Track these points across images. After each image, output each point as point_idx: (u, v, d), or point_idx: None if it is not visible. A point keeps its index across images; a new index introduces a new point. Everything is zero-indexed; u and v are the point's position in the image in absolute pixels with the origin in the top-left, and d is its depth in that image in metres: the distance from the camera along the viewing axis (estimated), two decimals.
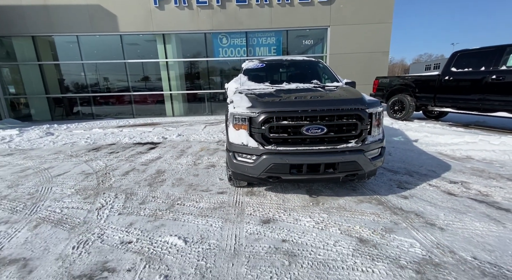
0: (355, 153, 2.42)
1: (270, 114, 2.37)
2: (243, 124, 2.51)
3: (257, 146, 2.43)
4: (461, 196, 2.74)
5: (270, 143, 2.44)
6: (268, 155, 2.40)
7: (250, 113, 2.43)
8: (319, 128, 2.35)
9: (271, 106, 2.43)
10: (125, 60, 9.98)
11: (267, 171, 2.44)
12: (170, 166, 4.16)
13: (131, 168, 4.14)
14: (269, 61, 4.18)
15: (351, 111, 2.39)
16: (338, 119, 2.39)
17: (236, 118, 2.55)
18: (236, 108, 2.53)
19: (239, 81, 3.62)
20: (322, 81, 3.77)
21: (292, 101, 2.51)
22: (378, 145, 2.59)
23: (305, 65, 4.10)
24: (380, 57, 9.87)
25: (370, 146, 2.49)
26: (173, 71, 10.25)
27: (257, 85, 3.51)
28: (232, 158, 2.61)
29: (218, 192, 3.06)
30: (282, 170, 2.42)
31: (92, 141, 6.33)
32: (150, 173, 3.86)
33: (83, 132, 7.67)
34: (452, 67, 6.19)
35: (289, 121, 2.36)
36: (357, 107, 2.41)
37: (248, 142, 2.47)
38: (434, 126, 6.14)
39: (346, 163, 2.40)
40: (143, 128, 8.06)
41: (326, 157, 2.39)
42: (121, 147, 5.68)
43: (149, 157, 4.78)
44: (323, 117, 2.38)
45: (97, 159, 4.75)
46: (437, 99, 6.52)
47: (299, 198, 2.82)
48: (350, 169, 2.45)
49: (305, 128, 2.35)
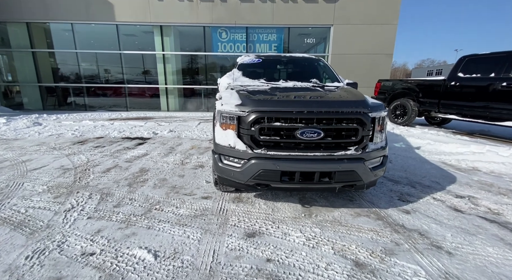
0: (354, 161, 2.15)
1: (261, 114, 2.10)
2: (231, 124, 2.24)
3: (246, 149, 2.17)
4: (469, 213, 2.48)
5: (260, 146, 2.17)
6: (257, 160, 2.13)
7: (239, 112, 2.16)
8: (315, 133, 2.08)
9: (262, 105, 2.16)
10: (121, 51, 9.65)
11: (256, 178, 2.17)
12: (155, 165, 3.88)
13: (114, 164, 3.87)
14: (266, 56, 3.89)
15: (351, 115, 2.12)
16: (336, 123, 2.12)
17: (223, 116, 2.28)
18: (224, 106, 2.26)
19: (232, 76, 3.34)
20: (322, 80, 3.50)
21: (286, 100, 2.24)
22: (380, 153, 2.33)
23: (304, 63, 3.82)
24: (384, 60, 9.59)
25: (371, 154, 2.23)
26: (170, 65, 9.93)
27: (252, 81, 3.24)
28: (218, 160, 2.34)
29: (202, 196, 2.79)
30: (272, 177, 2.15)
31: (80, 133, 6.05)
32: (132, 171, 3.59)
33: (72, 123, 7.37)
34: (459, 72, 5.93)
35: (282, 123, 2.09)
36: (359, 110, 2.14)
37: (236, 144, 2.21)
38: (438, 134, 5.88)
39: (343, 172, 2.14)
40: (135, 122, 7.76)
41: (321, 165, 2.12)
42: (108, 141, 5.39)
43: (135, 153, 4.51)
44: (320, 120, 2.11)
45: (80, 153, 4.47)
46: (442, 106, 6.26)
47: (291, 207, 2.55)
48: (347, 179, 2.19)
49: (299, 132, 2.08)
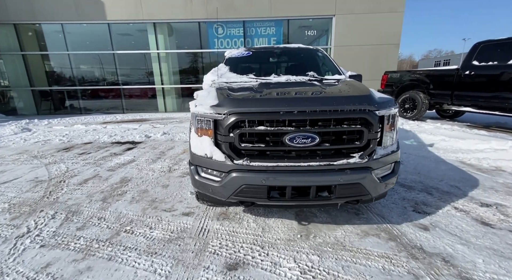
0: (359, 171, 1.74)
1: (240, 116, 1.69)
2: (206, 129, 1.85)
3: (224, 159, 1.77)
4: (500, 228, 2.04)
5: (241, 156, 1.77)
6: (239, 173, 1.73)
7: (215, 115, 1.76)
8: (308, 138, 1.67)
9: (242, 105, 1.76)
10: (114, 51, 9.31)
11: (238, 194, 1.78)
12: (139, 173, 3.52)
13: (94, 174, 3.52)
14: (257, 49, 3.47)
15: (354, 114, 1.69)
16: (336, 125, 1.70)
17: (198, 120, 1.89)
18: (198, 107, 1.87)
19: (217, 72, 2.94)
20: (321, 73, 3.07)
21: (272, 99, 1.83)
22: (390, 158, 1.90)
23: (300, 54, 3.38)
24: (390, 50, 9.02)
25: (380, 161, 1.81)
26: (165, 64, 9.56)
27: (239, 77, 2.83)
28: (195, 173, 1.96)
29: (183, 212, 2.41)
30: (258, 193, 1.76)
31: (68, 139, 5.74)
32: (112, 182, 3.23)
33: (63, 128, 7.09)
34: (474, 60, 5.39)
35: (267, 126, 1.69)
36: (363, 108, 1.71)
37: (213, 153, 1.81)
38: (452, 128, 5.38)
39: (346, 185, 1.73)
40: (129, 125, 7.44)
41: (318, 177, 1.71)
42: (96, 147, 5.07)
43: (122, 159, 4.16)
44: (315, 122, 1.70)
45: (61, 161, 4.15)
46: (455, 97, 5.74)
47: (285, 225, 2.15)
48: (351, 193, 1.77)
49: (289, 137, 1.67)
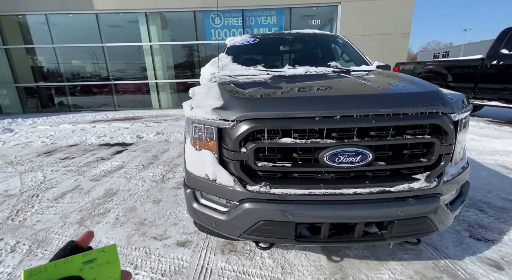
0: (425, 200, 1.22)
1: (257, 123, 1.16)
2: (207, 140, 1.31)
3: (233, 184, 1.25)
4: None
5: (258, 179, 1.25)
6: (254, 204, 1.21)
7: (218, 121, 1.23)
8: (358, 154, 1.14)
9: (259, 106, 1.22)
10: (103, 44, 8.64)
11: (253, 233, 1.26)
12: (127, 183, 3.00)
13: (75, 185, 2.99)
14: (264, 36, 2.91)
15: (424, 119, 1.17)
16: (396, 135, 1.18)
17: (195, 128, 1.36)
18: (194, 110, 1.33)
19: (218, 63, 2.38)
20: (344, 64, 2.53)
21: (303, 97, 1.29)
22: (462, 178, 1.39)
23: (317, 42, 2.82)
24: (400, 40, 8.42)
25: (451, 184, 1.29)
26: (159, 57, 8.91)
27: (245, 69, 2.28)
28: (191, 199, 1.44)
29: (178, 241, 1.90)
30: (281, 232, 1.24)
31: (51, 141, 5.18)
32: (94, 196, 2.71)
33: (48, 128, 6.50)
34: (503, 48, 4.85)
35: (295, 138, 1.16)
36: (436, 110, 1.18)
37: (217, 175, 1.28)
38: (480, 125, 4.87)
39: (407, 220, 1.21)
40: (120, 123, 6.87)
41: (369, 210, 1.20)
42: (82, 150, 4.52)
43: (109, 166, 3.63)
44: (367, 132, 1.17)
45: (40, 168, 3.60)
46: (479, 90, 5.22)
47: (310, 262, 1.65)
48: (413, 230, 1.26)
49: (329, 154, 1.14)
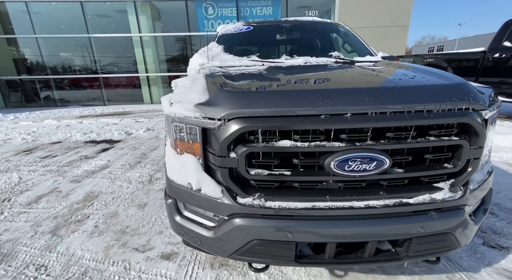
0: (449, 213, 1.03)
1: (249, 123, 0.94)
2: (190, 142, 1.09)
3: (221, 195, 1.04)
4: None
5: (250, 190, 1.04)
6: (246, 220, 1.01)
7: (202, 120, 1.00)
8: (372, 161, 0.94)
9: (252, 102, 0.99)
10: (89, 35, 8.21)
11: (245, 254, 1.06)
12: (111, 185, 2.76)
13: (53, 187, 2.75)
14: (259, 23, 2.66)
15: (453, 117, 0.96)
16: (418, 136, 0.98)
17: (176, 127, 1.13)
18: (174, 106, 1.10)
19: (208, 53, 2.14)
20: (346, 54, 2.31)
21: (305, 90, 1.07)
22: (487, 185, 1.20)
23: (317, 30, 2.59)
24: (398, 33, 8.22)
25: (477, 194, 1.11)
26: (150, 49, 8.53)
27: (237, 60, 2.04)
28: (173, 211, 1.22)
29: (162, 253, 1.69)
30: (279, 253, 1.04)
31: (33, 138, 4.87)
32: (73, 200, 2.47)
33: (30, 124, 6.16)
34: (505, 41, 4.69)
35: (296, 140, 0.95)
36: (467, 106, 0.98)
37: (201, 184, 1.07)
38: None
39: (428, 237, 1.02)
40: (109, 119, 6.56)
41: (382, 227, 1.00)
42: (65, 148, 4.24)
43: (93, 165, 3.38)
44: (382, 133, 0.96)
45: (16, 168, 3.33)
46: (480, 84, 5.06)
47: (311, 277, 1.46)
48: (433, 248, 1.07)
49: (337, 160, 0.94)
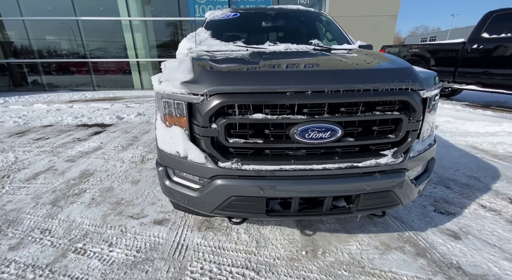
0: (391, 175, 1.27)
1: (228, 98, 1.13)
2: (177, 116, 1.28)
3: (205, 161, 1.23)
4: None
5: (229, 156, 1.24)
6: (225, 180, 1.21)
7: (188, 96, 1.19)
8: (328, 130, 1.15)
9: (230, 80, 1.18)
10: (77, 18, 8.02)
11: (225, 209, 1.28)
12: (105, 164, 2.93)
13: (49, 166, 2.89)
14: (246, 10, 2.78)
15: (393, 95, 1.18)
16: (367, 111, 1.19)
17: (165, 103, 1.31)
18: (163, 84, 1.27)
19: (195, 38, 2.27)
20: (326, 42, 2.49)
21: (276, 72, 1.26)
22: (428, 154, 1.44)
23: (300, 18, 2.73)
24: (387, 22, 8.36)
25: (416, 160, 1.34)
26: (140, 34, 8.42)
27: (224, 45, 2.19)
28: (164, 177, 1.42)
29: (155, 219, 1.90)
30: (252, 207, 1.26)
31: (24, 121, 4.91)
32: (69, 176, 2.63)
33: (20, 108, 6.14)
34: (484, 32, 4.92)
35: (267, 114, 1.15)
36: (406, 86, 1.19)
37: (188, 152, 1.26)
38: (456, 108, 5.04)
39: (373, 194, 1.26)
40: (99, 104, 6.58)
41: (337, 185, 1.23)
42: (57, 131, 4.33)
43: (86, 147, 3.51)
44: (337, 107, 1.17)
45: (11, 149, 3.43)
46: (458, 74, 5.34)
47: (285, 236, 1.71)
48: (378, 203, 1.32)
49: (299, 130, 1.14)
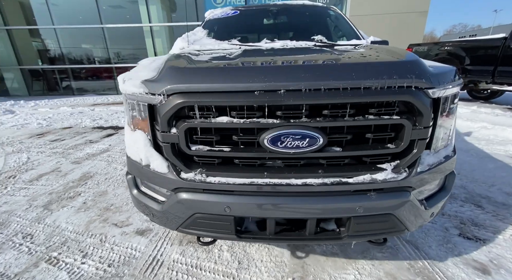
0: (391, 194, 1.01)
1: (186, 97, 0.96)
2: (140, 119, 1.14)
3: (167, 170, 1.08)
4: None
5: (194, 165, 1.07)
6: (188, 194, 1.05)
7: (146, 95, 1.04)
8: (305, 138, 0.93)
9: (190, 78, 1.01)
10: (103, 25, 8.46)
11: (189, 227, 1.11)
12: (107, 166, 2.92)
13: (54, 167, 2.94)
14: (247, 8, 2.62)
15: (391, 95, 0.93)
16: (356, 115, 0.95)
17: (130, 105, 1.18)
18: (126, 83, 1.14)
19: (190, 38, 2.16)
20: (333, 38, 2.25)
21: (243, 68, 1.07)
22: (443, 168, 1.15)
23: (305, 13, 2.51)
24: (416, 19, 7.71)
25: (426, 176, 1.06)
26: (160, 39, 8.67)
27: (218, 43, 2.05)
28: (131, 186, 1.29)
29: (137, 229, 1.79)
30: (220, 227, 1.07)
31: (47, 123, 5.20)
32: (70, 178, 2.64)
33: (48, 111, 6.55)
34: None
35: (233, 117, 0.96)
36: (408, 83, 0.94)
37: (150, 159, 1.12)
38: (494, 113, 4.42)
39: (367, 217, 1.01)
40: (119, 107, 6.82)
41: (320, 205, 1.00)
42: (74, 132, 4.50)
43: (95, 148, 3.57)
44: (318, 110, 0.95)
45: (27, 149, 3.59)
46: (498, 74, 4.71)
47: (272, 258, 1.49)
48: (375, 229, 1.06)
49: (270, 137, 0.94)
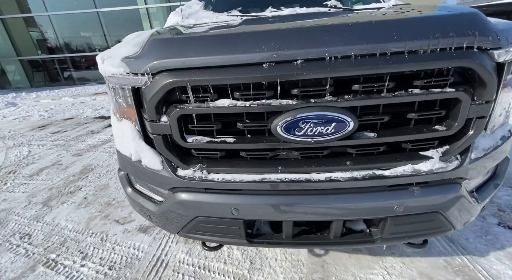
0: (439, 188, 0.80)
1: (177, 76, 0.75)
2: (125, 106, 0.94)
3: (161, 166, 0.89)
4: None
5: (192, 160, 0.88)
6: (187, 194, 0.87)
7: (127, 76, 0.83)
8: (330, 122, 0.72)
9: (180, 50, 0.78)
10: (97, 10, 8.07)
11: (191, 231, 0.94)
12: (108, 159, 2.80)
13: (55, 161, 2.83)
14: None
15: (447, 59, 0.69)
16: (397, 89, 0.73)
17: (112, 89, 0.98)
18: (105, 62, 0.93)
19: (185, 11, 1.90)
20: (349, 3, 1.95)
21: (244, 33, 0.83)
22: (500, 153, 0.93)
23: None
24: None
25: (482, 164, 0.85)
26: (157, 22, 8.25)
27: (216, 16, 1.78)
28: (125, 184, 1.13)
29: (140, 226, 1.66)
30: (227, 231, 0.91)
31: (49, 115, 5.09)
32: (71, 172, 2.53)
33: (49, 102, 6.44)
34: None
35: (237, 98, 0.75)
36: (469, 42, 0.69)
37: (140, 154, 0.94)
38: None
39: (408, 217, 0.82)
40: None
41: (349, 204, 0.81)
42: (75, 124, 4.37)
43: (96, 140, 3.45)
44: (347, 85, 0.73)
45: (28, 143, 3.49)
46: None
47: (287, 256, 1.34)
48: (415, 230, 0.87)
49: (284, 122, 0.73)
